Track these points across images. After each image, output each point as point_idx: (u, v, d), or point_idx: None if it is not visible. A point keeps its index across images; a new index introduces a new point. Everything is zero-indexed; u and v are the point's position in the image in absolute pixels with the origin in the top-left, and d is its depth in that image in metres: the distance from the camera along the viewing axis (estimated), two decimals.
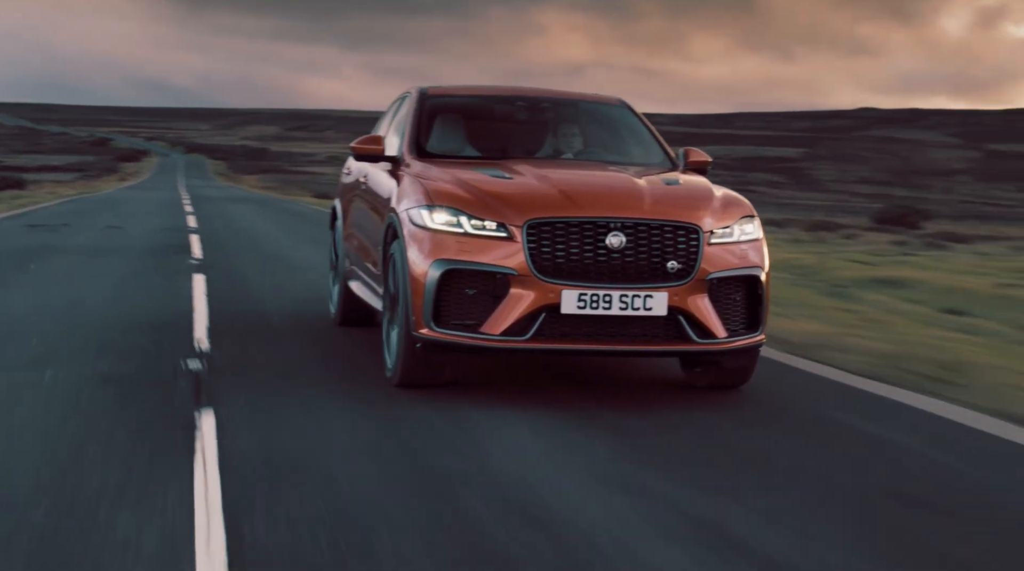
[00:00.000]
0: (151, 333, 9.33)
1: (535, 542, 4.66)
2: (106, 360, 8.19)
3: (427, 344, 7.27)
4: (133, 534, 4.53)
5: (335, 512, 4.92)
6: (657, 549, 4.63)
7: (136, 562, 4.26)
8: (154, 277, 13.74)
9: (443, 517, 4.93)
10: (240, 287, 12.97)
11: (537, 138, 8.94)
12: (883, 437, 6.79)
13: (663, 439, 6.50)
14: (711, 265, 7.25)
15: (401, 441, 6.26)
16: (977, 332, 11.38)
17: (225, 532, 4.59)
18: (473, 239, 7.19)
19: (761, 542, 4.76)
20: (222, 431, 6.22)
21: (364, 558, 4.40)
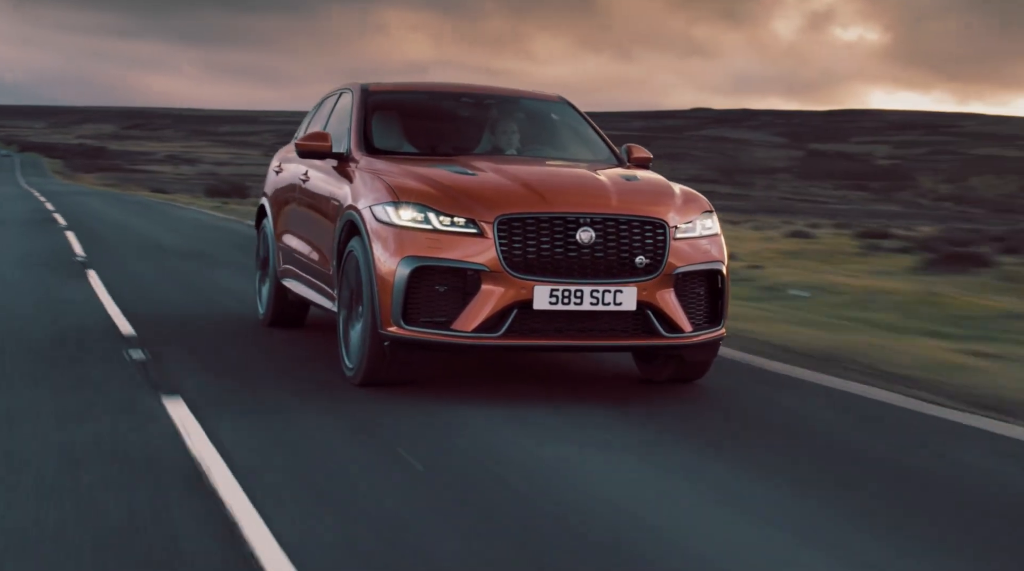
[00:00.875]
0: (53, 253, 16.68)
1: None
2: (31, 258, 15.73)
3: (395, 342, 7.11)
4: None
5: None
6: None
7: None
8: (41, 233, 21.52)
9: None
10: (97, 235, 21.56)
11: (483, 134, 8.79)
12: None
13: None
14: (677, 260, 7.23)
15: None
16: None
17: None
18: (442, 235, 7.04)
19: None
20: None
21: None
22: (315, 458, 5.67)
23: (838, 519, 4.98)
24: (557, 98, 9.29)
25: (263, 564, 4.09)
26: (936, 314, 12.95)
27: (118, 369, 7.72)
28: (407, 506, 4.90)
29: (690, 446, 6.23)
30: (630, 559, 4.36)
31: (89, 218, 27.91)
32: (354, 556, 4.26)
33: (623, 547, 4.48)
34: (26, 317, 10.00)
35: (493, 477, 5.44)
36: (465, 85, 9.36)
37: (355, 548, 4.35)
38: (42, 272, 13.85)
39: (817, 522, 4.93)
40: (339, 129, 8.68)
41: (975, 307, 13.54)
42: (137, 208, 36.58)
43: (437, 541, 4.47)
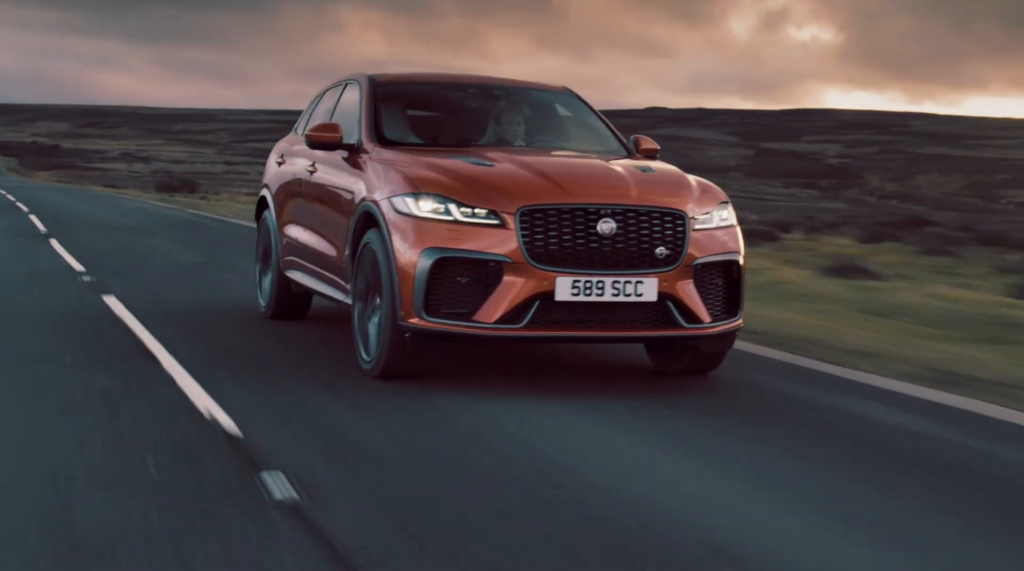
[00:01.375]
0: (22, 229, 21.64)
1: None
2: (6, 231, 20.07)
3: (417, 334, 7.06)
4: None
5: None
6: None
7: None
8: (9, 216, 26.91)
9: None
10: (55, 217, 26.71)
11: (490, 125, 8.73)
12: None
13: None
14: (696, 251, 7.21)
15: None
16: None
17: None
18: (463, 227, 6.99)
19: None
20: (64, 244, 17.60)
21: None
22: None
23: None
24: (563, 89, 9.26)
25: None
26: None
27: (74, 284, 12.36)
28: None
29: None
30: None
31: (48, 206, 33.69)
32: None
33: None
34: (10, 262, 14.84)
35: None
36: (471, 76, 9.31)
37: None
38: (17, 239, 19.14)
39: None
40: (346, 121, 8.59)
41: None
42: (89, 199, 42.72)
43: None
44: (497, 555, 4.16)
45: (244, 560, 4.01)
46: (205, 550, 4.06)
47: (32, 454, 5.31)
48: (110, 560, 3.95)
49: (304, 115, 10.17)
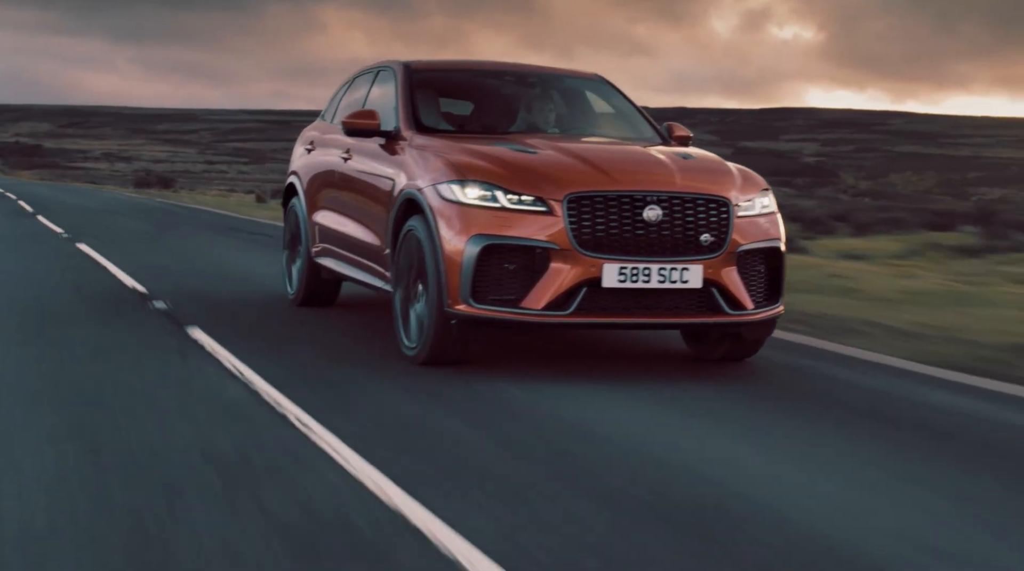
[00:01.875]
0: (14, 210, 27.41)
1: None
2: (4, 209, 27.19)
3: (463, 321, 7.05)
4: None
5: None
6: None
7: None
8: (2, 202, 32.51)
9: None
10: (41, 203, 32.26)
11: (526, 112, 8.74)
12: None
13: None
14: (740, 237, 7.22)
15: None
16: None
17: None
18: (510, 214, 6.97)
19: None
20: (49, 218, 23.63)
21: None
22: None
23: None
24: (595, 76, 9.25)
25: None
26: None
27: (61, 242, 16.95)
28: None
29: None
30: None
31: (34, 196, 39.18)
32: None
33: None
34: (7, 228, 20.37)
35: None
36: (504, 63, 9.29)
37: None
38: (10, 216, 24.67)
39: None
40: (381, 108, 8.57)
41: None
42: (70, 192, 49.05)
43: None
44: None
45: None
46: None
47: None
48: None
49: (332, 103, 10.13)
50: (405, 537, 4.02)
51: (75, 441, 5.16)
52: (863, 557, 4.04)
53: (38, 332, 8.18)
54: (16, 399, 6.05)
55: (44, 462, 4.80)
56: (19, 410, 5.79)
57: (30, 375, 6.72)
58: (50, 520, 4.05)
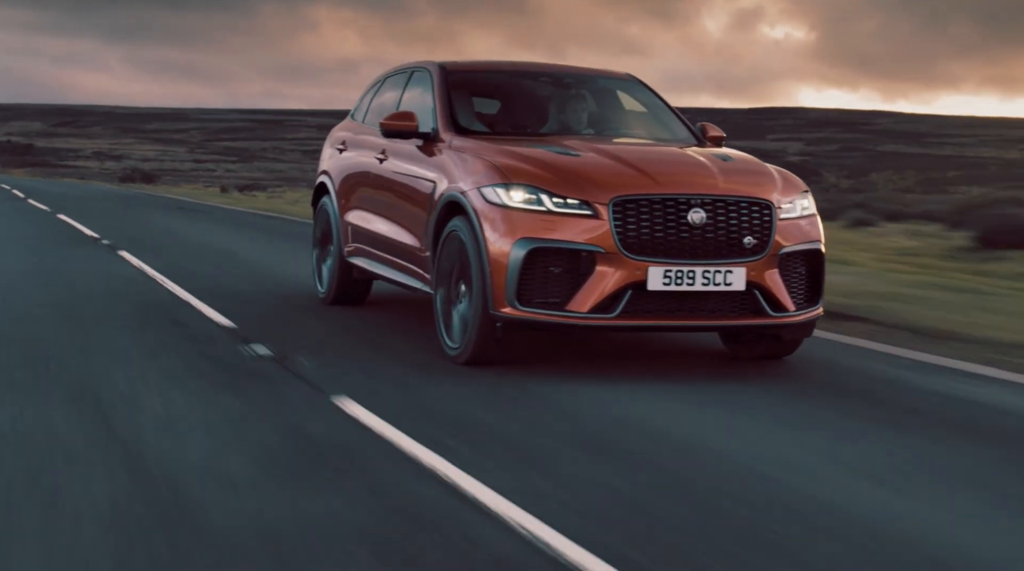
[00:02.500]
0: (10, 196, 35.48)
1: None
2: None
3: (508, 323, 7.04)
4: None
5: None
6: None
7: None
8: (3, 191, 38.61)
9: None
10: (33, 192, 39.03)
11: (561, 113, 8.72)
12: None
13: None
14: (782, 239, 7.21)
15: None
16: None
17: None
18: (556, 217, 6.96)
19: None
20: (38, 200, 31.69)
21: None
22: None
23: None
24: (627, 76, 9.24)
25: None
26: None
27: (45, 215, 23.84)
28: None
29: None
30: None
31: (25, 187, 45.71)
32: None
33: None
34: (4, 208, 26.09)
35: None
36: (537, 63, 9.27)
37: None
38: (6, 201, 31.06)
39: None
40: (417, 109, 8.54)
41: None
42: (58, 185, 54.82)
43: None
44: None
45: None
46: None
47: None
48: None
49: (362, 103, 10.09)
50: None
51: (45, 274, 12.38)
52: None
53: (33, 252, 14.58)
54: (24, 273, 12.33)
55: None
56: (19, 273, 11.94)
57: (30, 263, 13.12)
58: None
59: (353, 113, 10.25)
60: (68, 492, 4.36)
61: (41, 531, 3.92)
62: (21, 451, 4.95)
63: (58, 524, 3.99)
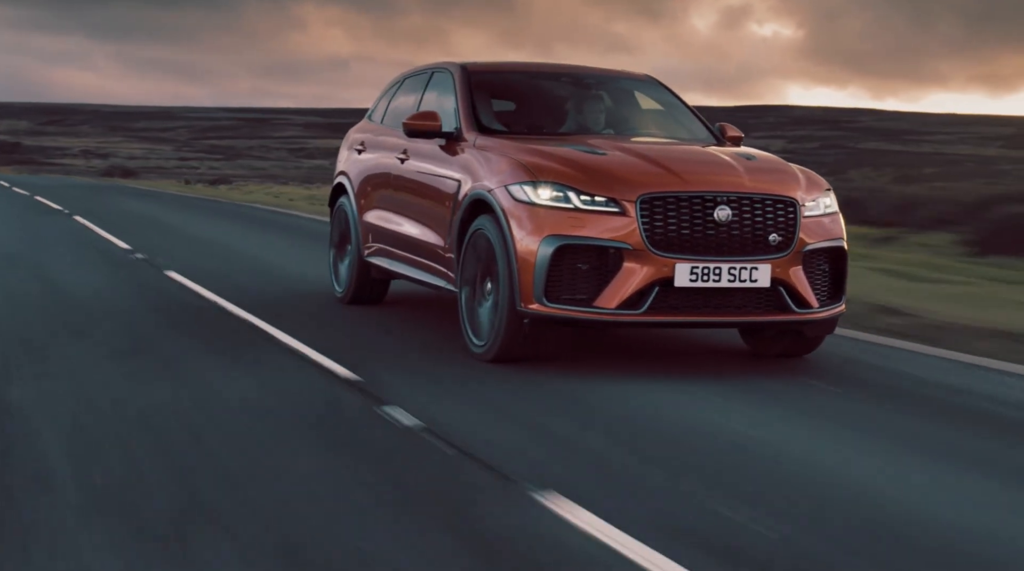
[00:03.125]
0: (3, 189, 36.35)
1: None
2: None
3: (536, 319, 7.06)
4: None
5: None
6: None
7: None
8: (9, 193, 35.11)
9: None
10: (22, 184, 41.22)
11: (583, 113, 8.74)
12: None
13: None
14: (806, 237, 7.24)
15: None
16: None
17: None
18: (583, 214, 6.99)
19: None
20: (26, 190, 35.45)
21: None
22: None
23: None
24: (646, 77, 9.27)
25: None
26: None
27: (26, 199, 29.24)
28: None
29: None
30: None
31: (12, 180, 47.91)
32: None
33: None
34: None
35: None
36: (557, 64, 9.30)
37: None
38: (2, 192, 33.94)
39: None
40: (439, 109, 8.56)
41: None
42: (43, 179, 56.90)
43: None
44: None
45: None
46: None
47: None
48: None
49: (380, 103, 10.09)
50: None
51: (21, 228, 18.18)
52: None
53: (15, 218, 19.75)
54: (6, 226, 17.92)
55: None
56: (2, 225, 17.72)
57: (11, 222, 18.64)
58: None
59: (370, 114, 10.24)
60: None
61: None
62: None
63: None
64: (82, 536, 3.86)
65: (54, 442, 5.09)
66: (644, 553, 3.88)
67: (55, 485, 4.42)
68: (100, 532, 3.91)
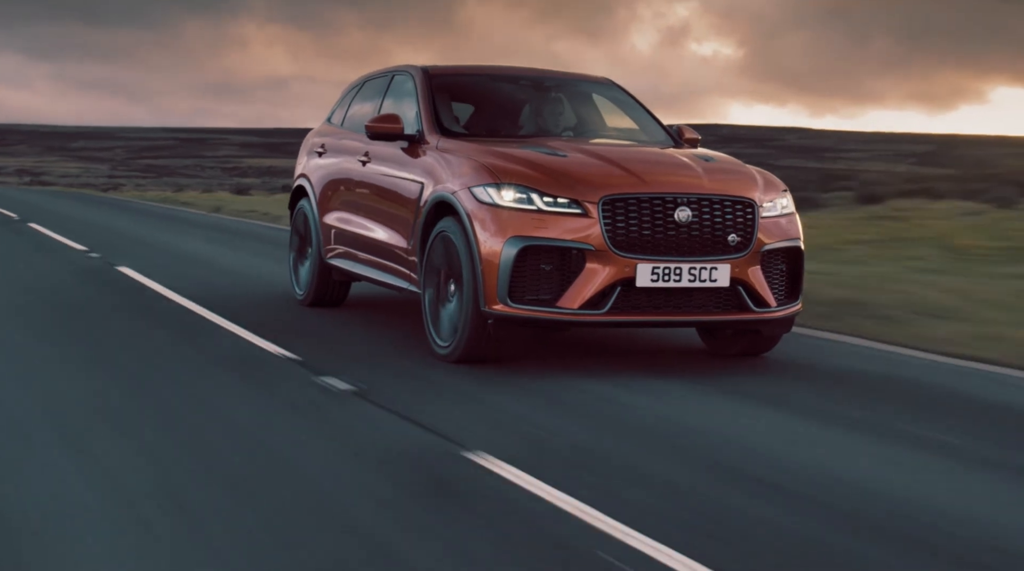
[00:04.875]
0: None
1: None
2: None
3: (500, 320, 6.99)
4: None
5: None
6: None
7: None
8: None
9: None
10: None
11: (542, 115, 8.69)
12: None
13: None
14: (764, 237, 7.23)
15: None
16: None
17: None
18: (546, 216, 6.94)
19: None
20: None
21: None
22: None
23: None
24: (605, 80, 9.25)
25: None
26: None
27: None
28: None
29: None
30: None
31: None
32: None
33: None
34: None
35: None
36: (517, 67, 9.21)
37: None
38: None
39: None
40: (400, 112, 8.48)
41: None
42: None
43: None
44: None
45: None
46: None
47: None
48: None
49: (340, 106, 9.99)
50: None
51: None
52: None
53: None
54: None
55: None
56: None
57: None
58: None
59: (330, 118, 10.13)
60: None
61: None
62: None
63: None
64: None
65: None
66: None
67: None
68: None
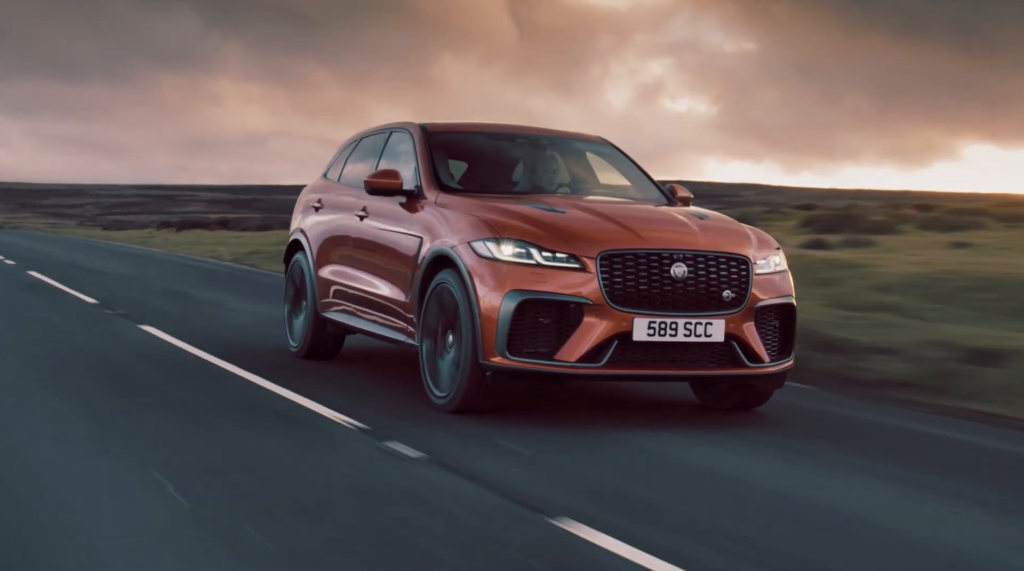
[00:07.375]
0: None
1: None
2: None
3: (499, 372, 6.94)
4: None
5: None
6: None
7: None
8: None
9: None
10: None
11: (538, 173, 8.71)
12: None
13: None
14: (759, 293, 7.22)
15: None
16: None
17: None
18: (545, 270, 6.92)
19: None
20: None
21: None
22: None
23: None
24: (600, 139, 9.28)
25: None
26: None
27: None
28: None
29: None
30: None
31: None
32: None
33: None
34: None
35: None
36: (513, 126, 9.22)
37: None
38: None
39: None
40: (398, 168, 8.46)
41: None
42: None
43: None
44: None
45: None
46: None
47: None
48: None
49: (336, 162, 9.98)
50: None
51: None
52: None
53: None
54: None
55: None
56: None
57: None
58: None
59: (326, 173, 10.11)
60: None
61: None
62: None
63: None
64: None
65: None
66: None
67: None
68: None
